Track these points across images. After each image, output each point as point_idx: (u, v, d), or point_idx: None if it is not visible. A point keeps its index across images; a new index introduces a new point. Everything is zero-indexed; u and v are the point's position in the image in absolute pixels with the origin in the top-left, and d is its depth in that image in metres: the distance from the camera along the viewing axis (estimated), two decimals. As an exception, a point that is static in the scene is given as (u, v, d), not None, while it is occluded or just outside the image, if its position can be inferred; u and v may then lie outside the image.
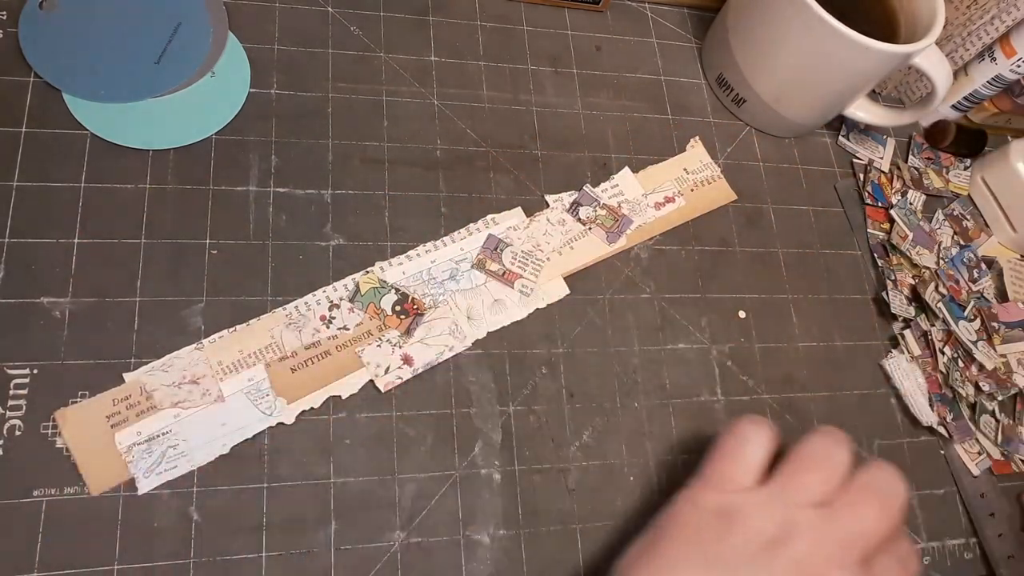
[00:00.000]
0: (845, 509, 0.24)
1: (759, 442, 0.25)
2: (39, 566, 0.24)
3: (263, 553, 0.26)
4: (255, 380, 0.28)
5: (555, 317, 0.32)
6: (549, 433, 0.31)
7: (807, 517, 0.23)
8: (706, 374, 0.33)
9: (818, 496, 0.24)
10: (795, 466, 0.25)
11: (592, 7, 0.39)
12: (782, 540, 0.23)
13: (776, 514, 0.23)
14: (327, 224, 0.31)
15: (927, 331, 0.36)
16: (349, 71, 0.34)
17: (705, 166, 0.37)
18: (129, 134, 0.30)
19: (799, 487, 0.24)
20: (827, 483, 0.24)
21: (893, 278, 0.37)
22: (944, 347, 0.36)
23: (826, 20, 0.31)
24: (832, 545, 0.23)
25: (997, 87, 0.40)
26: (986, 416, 0.35)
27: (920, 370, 0.36)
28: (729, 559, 0.23)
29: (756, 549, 0.23)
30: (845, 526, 0.23)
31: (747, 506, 0.24)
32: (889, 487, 0.25)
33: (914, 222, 0.39)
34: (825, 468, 0.25)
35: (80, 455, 0.26)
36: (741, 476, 0.25)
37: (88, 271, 0.28)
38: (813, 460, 0.25)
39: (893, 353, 0.36)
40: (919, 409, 0.35)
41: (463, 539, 0.28)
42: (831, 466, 0.25)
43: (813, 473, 0.24)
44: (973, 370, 0.35)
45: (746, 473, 0.25)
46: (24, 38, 0.30)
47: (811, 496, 0.24)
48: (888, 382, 0.36)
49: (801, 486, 0.24)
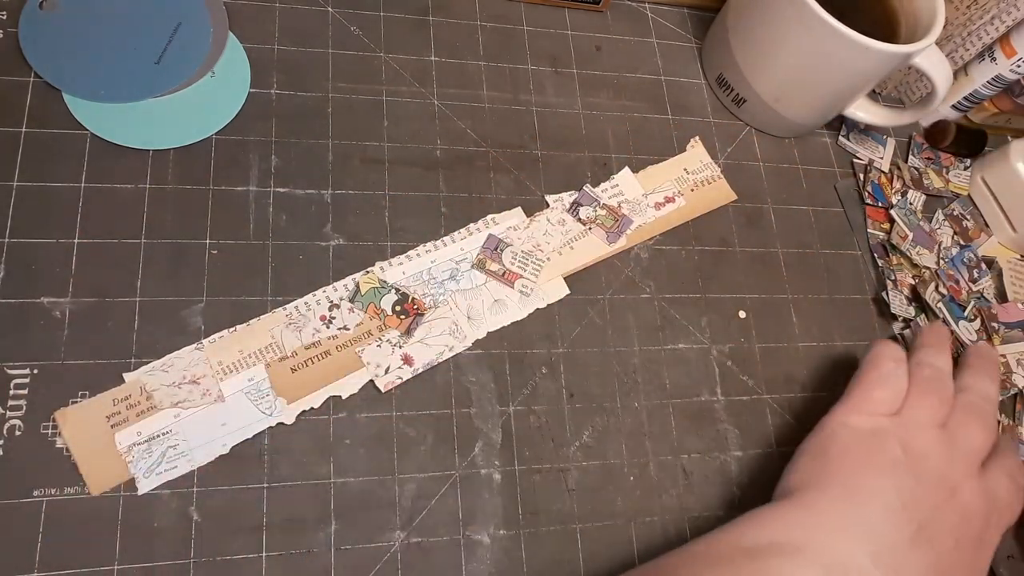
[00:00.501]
0: (959, 430, 0.29)
1: (894, 375, 0.30)
2: (39, 566, 0.24)
3: (263, 553, 0.26)
4: (255, 380, 0.28)
5: (555, 317, 0.32)
6: (549, 433, 0.31)
7: (935, 437, 0.28)
8: (706, 374, 0.33)
9: (938, 418, 0.29)
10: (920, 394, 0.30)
11: (592, 7, 0.39)
12: (926, 455, 0.28)
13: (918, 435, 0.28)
14: (327, 224, 0.31)
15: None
16: (349, 71, 0.34)
17: (705, 166, 0.37)
18: (129, 134, 0.30)
19: (928, 411, 0.29)
20: (945, 406, 0.29)
21: (893, 278, 0.37)
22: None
23: (826, 20, 0.31)
24: (959, 459, 0.28)
25: (997, 87, 0.40)
26: None
27: None
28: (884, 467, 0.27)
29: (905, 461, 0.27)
30: (963, 444, 0.28)
31: (891, 428, 0.28)
32: (985, 401, 0.30)
33: (914, 222, 0.39)
34: (944, 396, 0.30)
35: (80, 455, 0.26)
36: (881, 403, 0.29)
37: (88, 271, 0.28)
38: (933, 385, 0.30)
39: None
40: None
41: (463, 539, 0.28)
42: (945, 387, 0.30)
43: (934, 397, 0.29)
44: None
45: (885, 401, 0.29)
46: (24, 38, 0.30)
47: (933, 419, 0.29)
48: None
49: (929, 410, 0.29)
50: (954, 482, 0.27)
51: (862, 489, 0.26)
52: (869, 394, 0.29)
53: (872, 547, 0.24)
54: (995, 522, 0.28)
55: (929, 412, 0.29)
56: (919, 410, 0.29)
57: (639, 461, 0.31)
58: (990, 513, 0.28)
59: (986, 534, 0.28)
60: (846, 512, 0.25)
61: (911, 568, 0.25)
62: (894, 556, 0.25)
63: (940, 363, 0.31)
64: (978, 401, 0.30)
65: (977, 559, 0.27)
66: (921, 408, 0.29)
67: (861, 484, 0.26)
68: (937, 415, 0.29)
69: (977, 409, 0.30)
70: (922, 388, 0.30)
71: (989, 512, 0.28)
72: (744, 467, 0.32)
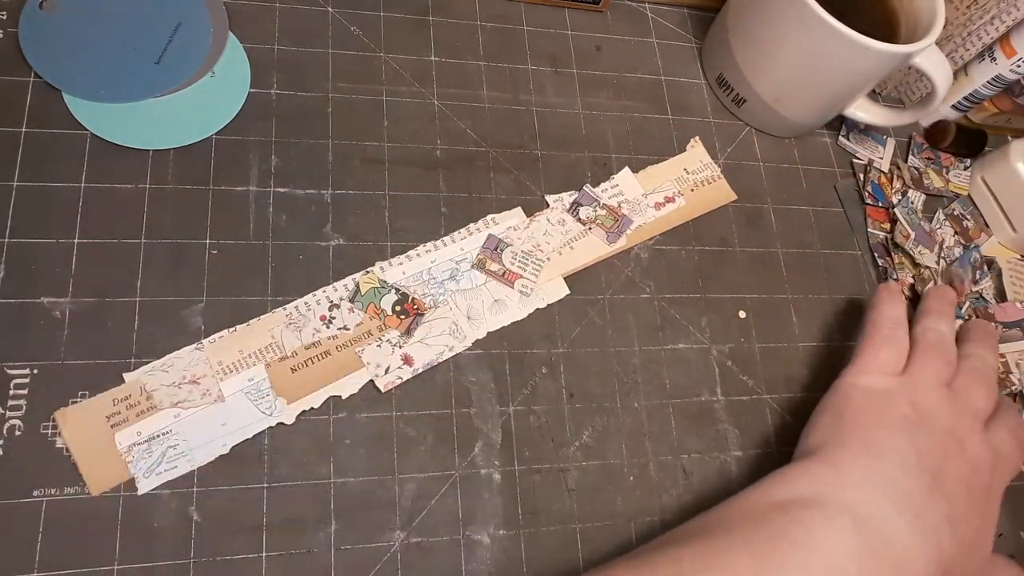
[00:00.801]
0: (964, 390, 0.30)
1: (897, 337, 0.31)
2: (39, 566, 0.24)
3: (263, 553, 0.26)
4: (255, 380, 0.28)
5: (555, 317, 0.32)
6: (549, 433, 0.31)
7: (942, 395, 0.30)
8: (706, 374, 0.33)
9: (943, 379, 0.30)
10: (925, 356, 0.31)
11: (592, 7, 0.39)
12: (935, 411, 0.29)
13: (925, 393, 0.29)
14: (327, 224, 0.31)
15: None
16: (349, 71, 0.34)
17: (705, 166, 0.37)
18: (129, 134, 0.30)
19: (934, 371, 0.30)
20: (949, 368, 0.31)
21: (895, 277, 0.37)
22: None
23: (826, 20, 0.31)
24: (965, 416, 0.29)
25: (997, 87, 0.40)
26: None
27: None
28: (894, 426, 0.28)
29: (914, 419, 0.28)
30: (967, 402, 0.30)
31: (899, 388, 0.30)
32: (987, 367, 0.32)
33: (916, 221, 0.39)
34: (948, 357, 0.31)
35: (80, 455, 0.26)
36: (887, 364, 0.31)
37: (88, 271, 0.28)
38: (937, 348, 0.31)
39: None
40: None
41: (463, 539, 0.28)
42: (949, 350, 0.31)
43: (939, 359, 0.31)
44: None
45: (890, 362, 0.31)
46: (24, 38, 0.30)
47: (939, 379, 0.30)
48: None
49: (934, 370, 0.30)
50: (961, 436, 0.28)
51: (879, 445, 0.27)
52: (875, 355, 0.31)
53: (893, 497, 0.26)
54: (999, 474, 0.29)
55: (935, 373, 0.30)
56: (925, 371, 0.30)
57: (639, 461, 0.31)
58: (995, 465, 0.29)
59: (993, 485, 0.29)
60: (867, 466, 0.27)
61: (929, 515, 0.26)
62: (913, 504, 0.26)
63: (944, 328, 0.32)
64: (981, 366, 0.31)
65: (987, 507, 0.28)
66: (927, 369, 0.30)
67: (877, 440, 0.28)
68: (942, 375, 0.30)
69: (980, 373, 0.31)
70: (927, 351, 0.31)
71: (995, 464, 0.29)
72: (744, 467, 0.32)
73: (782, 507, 0.25)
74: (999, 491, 0.30)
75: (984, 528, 0.28)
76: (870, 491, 0.26)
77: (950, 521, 0.26)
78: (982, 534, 0.28)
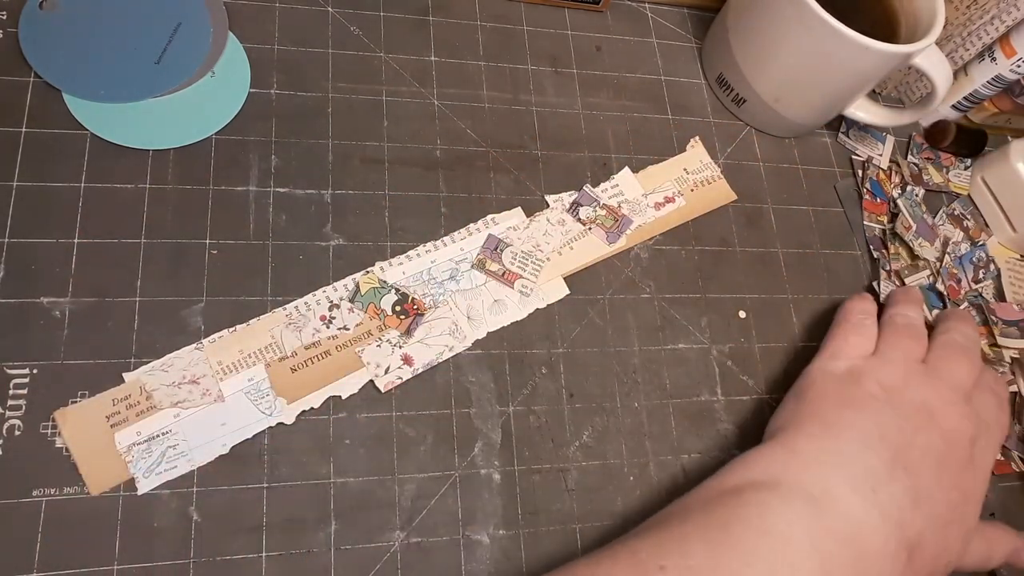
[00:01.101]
0: (940, 363, 0.30)
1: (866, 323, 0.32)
2: (39, 566, 0.24)
3: (263, 553, 0.26)
4: (255, 380, 0.28)
5: (555, 317, 0.32)
6: (549, 433, 0.31)
7: (913, 370, 0.30)
8: (706, 374, 0.33)
9: (914, 356, 0.30)
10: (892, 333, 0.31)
11: (592, 7, 0.39)
12: (902, 387, 0.29)
13: (892, 370, 0.29)
14: (327, 224, 0.31)
15: None
16: (349, 71, 0.34)
17: (705, 166, 0.37)
18: (129, 134, 0.30)
19: (903, 349, 0.30)
20: (920, 346, 0.31)
21: (888, 268, 0.37)
22: None
23: (826, 20, 0.31)
24: (941, 389, 0.29)
25: (997, 87, 0.40)
26: None
27: None
28: (863, 403, 0.28)
29: (883, 394, 0.28)
30: (945, 376, 0.29)
31: (868, 367, 0.30)
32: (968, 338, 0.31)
33: (919, 214, 0.39)
34: (916, 333, 0.31)
35: (80, 455, 0.26)
36: (856, 348, 0.31)
37: (88, 271, 0.28)
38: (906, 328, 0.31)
39: None
40: None
41: (463, 539, 0.28)
42: (919, 331, 0.32)
43: (909, 339, 0.31)
44: None
45: (859, 346, 0.31)
46: (24, 38, 0.30)
47: (909, 357, 0.30)
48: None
49: (904, 348, 0.30)
50: (934, 409, 0.28)
51: (837, 424, 0.27)
52: (844, 340, 0.31)
53: (849, 474, 0.26)
54: (985, 442, 0.29)
55: (903, 351, 0.30)
56: (894, 350, 0.30)
57: (639, 461, 0.31)
58: (978, 435, 0.29)
59: (977, 456, 0.29)
60: (822, 446, 0.27)
61: (889, 491, 0.26)
62: (872, 481, 0.26)
63: (912, 314, 0.32)
64: (958, 338, 0.31)
65: (969, 479, 0.28)
66: (896, 348, 0.30)
67: (836, 420, 0.28)
68: (912, 353, 0.30)
69: (956, 345, 0.31)
70: (895, 332, 0.31)
71: (977, 434, 0.29)
72: (744, 467, 0.32)
73: (736, 492, 0.25)
74: (986, 460, 0.29)
75: (965, 500, 0.28)
76: (825, 470, 0.26)
77: (915, 496, 0.26)
78: (961, 507, 0.28)
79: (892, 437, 0.27)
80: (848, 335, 0.31)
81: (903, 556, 0.25)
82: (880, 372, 0.29)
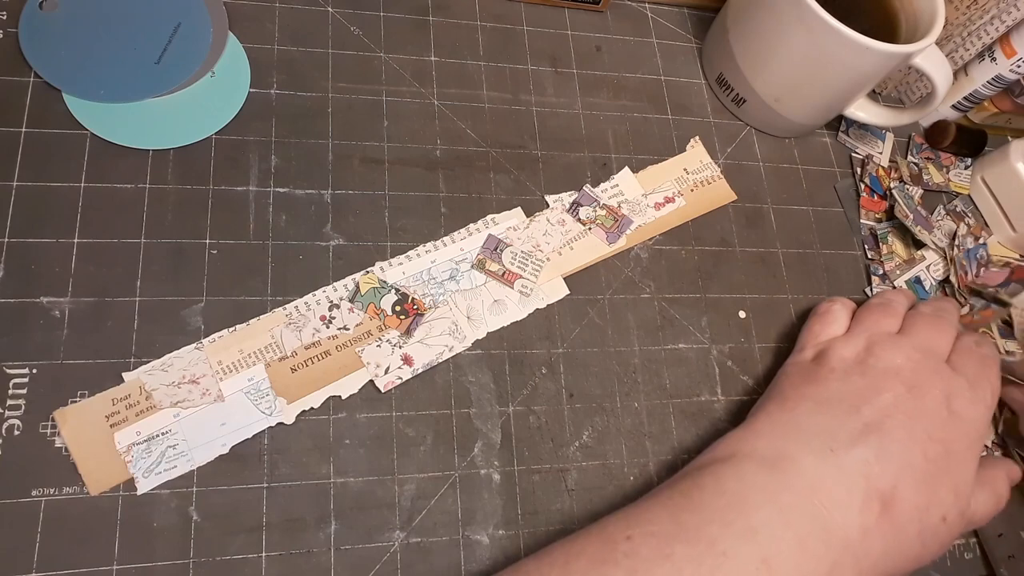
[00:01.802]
0: (911, 330, 0.30)
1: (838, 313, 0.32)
2: (38, 566, 0.24)
3: (263, 553, 0.26)
4: (255, 380, 0.28)
5: (555, 317, 0.32)
6: (549, 433, 0.31)
7: (885, 338, 0.30)
8: (706, 374, 0.33)
9: (888, 329, 0.30)
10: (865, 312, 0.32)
11: (592, 7, 0.39)
12: (871, 353, 0.29)
13: (859, 342, 0.30)
14: (327, 224, 0.31)
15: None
16: (349, 71, 0.34)
17: (705, 166, 0.37)
18: (129, 134, 0.30)
19: (871, 323, 0.31)
20: (893, 319, 0.31)
21: (880, 272, 0.37)
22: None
23: (826, 20, 0.31)
24: (915, 351, 0.29)
25: (997, 87, 0.40)
26: None
27: None
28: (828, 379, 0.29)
29: (850, 365, 0.29)
30: (914, 340, 0.30)
31: (834, 345, 0.30)
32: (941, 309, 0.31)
33: (912, 206, 0.39)
34: (889, 310, 0.31)
35: (79, 455, 0.26)
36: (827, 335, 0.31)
37: (88, 271, 0.28)
38: (879, 306, 0.32)
39: None
40: None
41: (462, 539, 0.28)
42: (893, 308, 0.32)
43: (880, 314, 0.31)
44: None
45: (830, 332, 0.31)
46: (24, 38, 0.30)
47: (881, 328, 0.30)
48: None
49: (873, 322, 0.31)
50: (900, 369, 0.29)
51: (794, 397, 0.29)
52: (809, 331, 0.32)
53: (802, 438, 0.27)
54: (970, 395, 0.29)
55: (876, 324, 0.31)
56: (866, 323, 0.31)
57: (639, 461, 0.31)
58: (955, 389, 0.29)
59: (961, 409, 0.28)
60: (777, 418, 0.28)
61: (850, 448, 0.26)
62: (828, 442, 0.26)
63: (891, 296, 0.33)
64: (934, 310, 0.32)
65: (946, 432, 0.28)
66: (868, 321, 0.31)
67: (794, 394, 0.29)
68: (882, 327, 0.31)
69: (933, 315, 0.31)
70: (867, 310, 0.32)
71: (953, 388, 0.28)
72: (744, 467, 0.32)
73: (698, 468, 0.27)
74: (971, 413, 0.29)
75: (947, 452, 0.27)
76: (777, 438, 0.27)
77: (882, 450, 0.26)
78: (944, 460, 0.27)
79: (851, 399, 0.28)
80: (812, 326, 0.32)
81: (874, 507, 0.25)
82: (844, 348, 0.30)
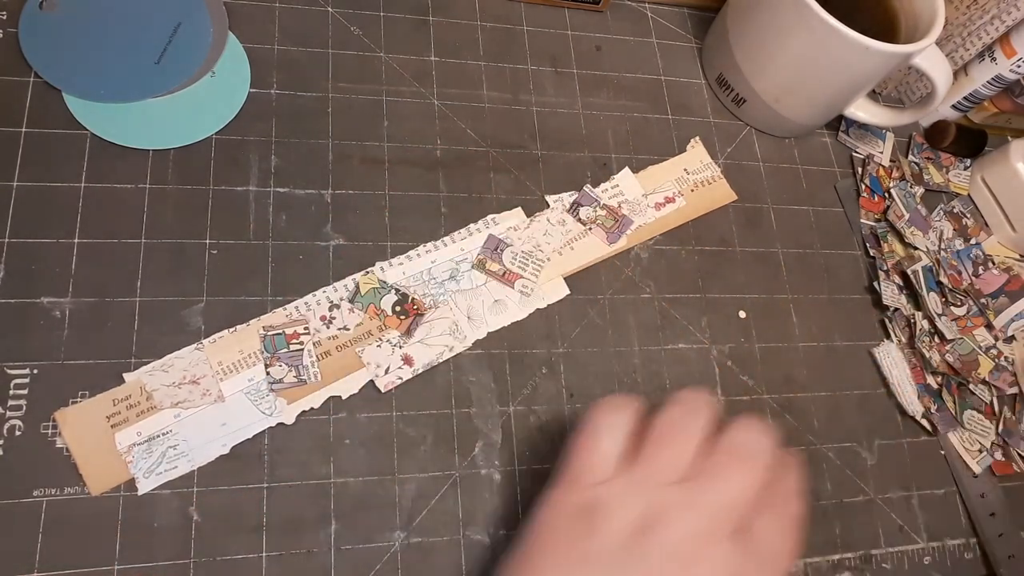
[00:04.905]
0: (707, 480, 0.23)
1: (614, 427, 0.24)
2: (39, 566, 0.24)
3: (263, 553, 0.26)
4: (255, 380, 0.28)
5: (555, 317, 0.32)
6: (549, 433, 0.31)
7: (671, 497, 0.22)
8: (706, 374, 0.33)
9: (679, 471, 0.23)
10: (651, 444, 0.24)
11: (592, 7, 0.39)
12: (650, 527, 0.22)
13: (639, 501, 0.23)
14: (327, 224, 0.31)
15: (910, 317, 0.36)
16: (349, 71, 0.34)
17: (705, 166, 0.37)
18: (129, 134, 0.30)
19: (658, 466, 0.23)
20: (684, 455, 0.23)
21: (885, 268, 0.37)
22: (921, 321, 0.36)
23: (826, 20, 0.31)
24: (702, 520, 0.22)
25: (997, 87, 0.40)
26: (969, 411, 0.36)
27: (906, 360, 0.36)
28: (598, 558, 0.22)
29: (625, 542, 0.22)
30: (711, 498, 0.23)
31: (608, 498, 0.23)
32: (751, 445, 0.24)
33: (912, 204, 0.39)
34: (680, 441, 0.24)
35: (80, 455, 0.26)
36: (599, 468, 0.24)
37: (88, 271, 0.28)
38: (668, 434, 0.24)
39: (884, 342, 0.36)
40: (907, 399, 0.35)
41: (463, 539, 0.28)
42: (686, 437, 0.24)
43: (669, 448, 0.24)
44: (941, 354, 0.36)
45: (604, 463, 0.24)
46: (24, 38, 0.30)
47: (672, 473, 0.23)
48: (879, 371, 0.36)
49: (660, 464, 0.23)
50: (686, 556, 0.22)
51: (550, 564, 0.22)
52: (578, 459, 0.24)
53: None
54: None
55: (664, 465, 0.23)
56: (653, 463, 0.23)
57: (639, 461, 0.31)
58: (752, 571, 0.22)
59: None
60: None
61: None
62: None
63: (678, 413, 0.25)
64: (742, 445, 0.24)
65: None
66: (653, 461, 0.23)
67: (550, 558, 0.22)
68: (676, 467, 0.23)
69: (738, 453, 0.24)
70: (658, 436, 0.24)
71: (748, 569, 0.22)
72: (744, 467, 0.32)
73: None
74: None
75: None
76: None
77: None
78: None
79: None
80: (580, 452, 0.24)
81: None
82: (620, 507, 0.22)
